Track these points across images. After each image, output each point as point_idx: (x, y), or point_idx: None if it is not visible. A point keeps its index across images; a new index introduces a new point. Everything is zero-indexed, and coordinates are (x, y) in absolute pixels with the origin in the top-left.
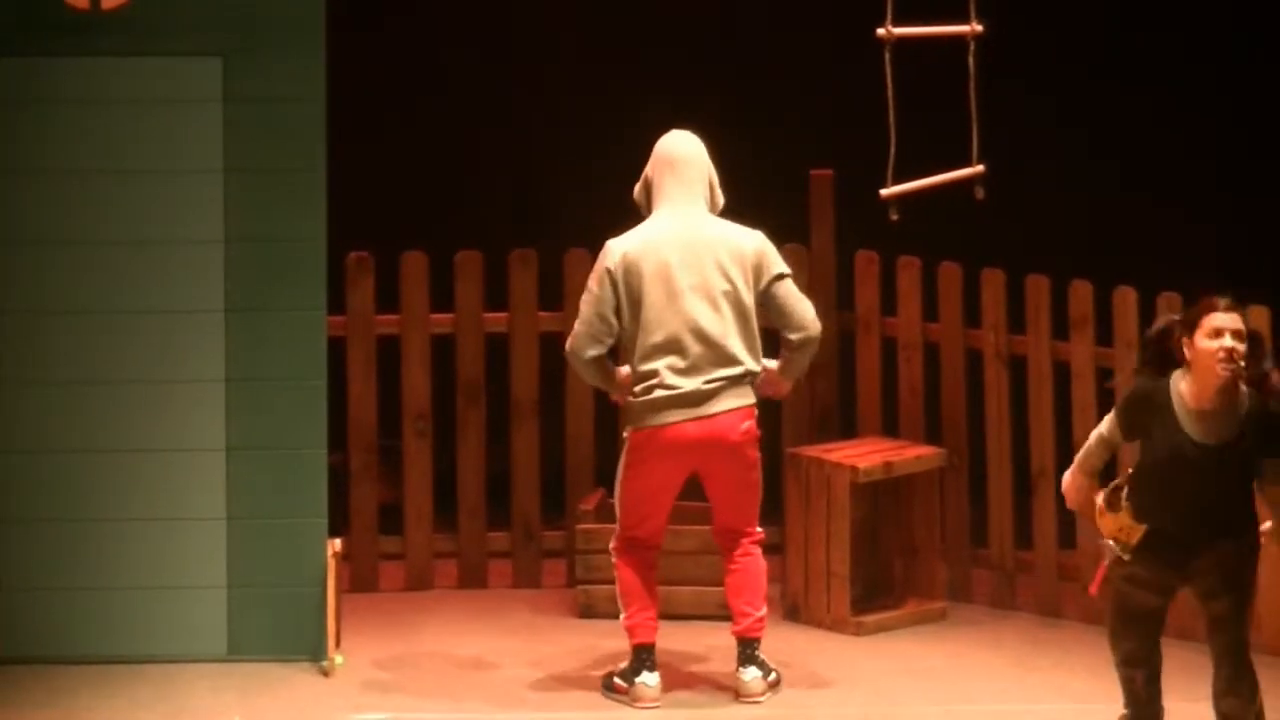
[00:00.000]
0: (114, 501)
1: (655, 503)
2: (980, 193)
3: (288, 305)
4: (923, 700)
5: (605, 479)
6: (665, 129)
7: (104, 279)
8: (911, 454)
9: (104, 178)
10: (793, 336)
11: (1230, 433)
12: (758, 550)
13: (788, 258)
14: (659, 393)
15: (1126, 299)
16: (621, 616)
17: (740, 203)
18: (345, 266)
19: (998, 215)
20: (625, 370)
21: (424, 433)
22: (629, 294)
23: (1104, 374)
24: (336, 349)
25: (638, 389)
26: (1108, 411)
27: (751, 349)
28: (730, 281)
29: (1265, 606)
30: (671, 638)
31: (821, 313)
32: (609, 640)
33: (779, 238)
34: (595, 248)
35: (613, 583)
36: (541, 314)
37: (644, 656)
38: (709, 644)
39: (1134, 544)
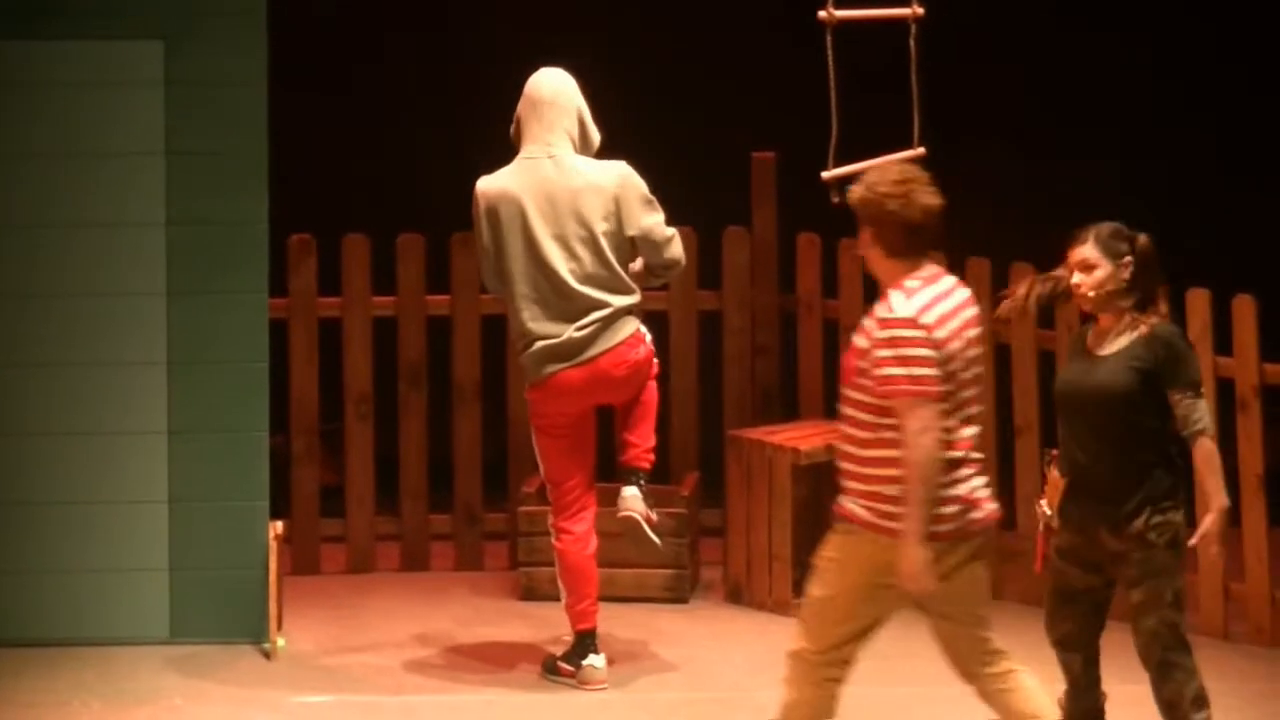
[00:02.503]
0: (56, 484)
1: (571, 453)
2: None
3: (230, 288)
4: (866, 683)
5: None
6: (606, 111)
7: (45, 262)
8: None
9: (45, 161)
10: (661, 272)
11: (1121, 375)
12: (653, 383)
13: (730, 241)
14: (537, 344)
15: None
16: (563, 599)
17: (682, 185)
18: (287, 249)
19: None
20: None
21: (366, 415)
22: (493, 240)
23: (1045, 356)
24: (278, 331)
25: (519, 343)
26: (1048, 396)
27: (615, 286)
28: (588, 227)
29: (1247, 596)
30: (614, 620)
31: (764, 295)
32: (551, 622)
33: (721, 220)
34: None
35: (554, 565)
36: (483, 296)
37: (588, 641)
38: (652, 626)
39: (1056, 503)
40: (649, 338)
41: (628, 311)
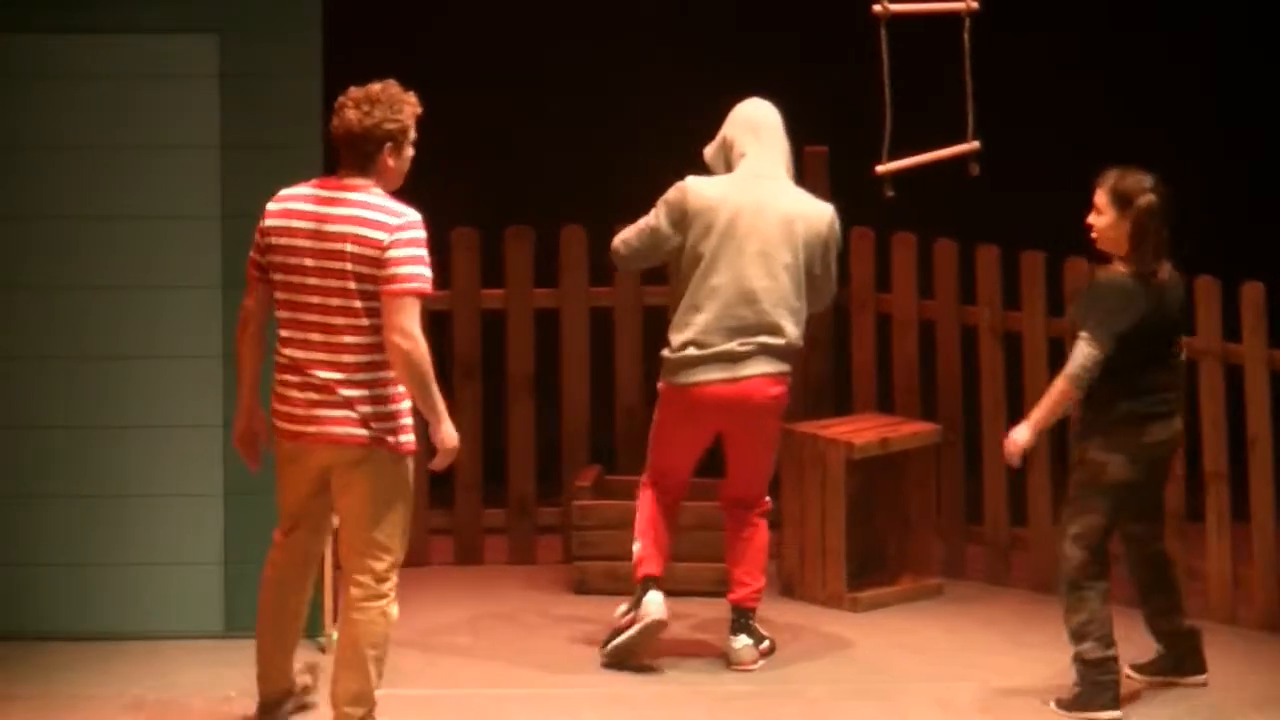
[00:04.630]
0: (110, 478)
1: (679, 456)
2: (975, 169)
3: None
4: (918, 676)
5: (601, 455)
6: (658, 106)
7: (100, 256)
8: (906, 430)
9: (101, 155)
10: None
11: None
12: (763, 522)
13: None
14: (691, 350)
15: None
16: (635, 547)
17: None
18: None
19: (992, 191)
20: None
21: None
22: (693, 238)
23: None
24: None
25: (674, 341)
26: None
27: (798, 323)
28: (795, 256)
29: (1254, 581)
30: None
31: None
32: (603, 616)
33: None
34: (590, 224)
35: (607, 559)
36: (537, 290)
37: (648, 584)
38: (704, 618)
39: None
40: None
41: (793, 352)
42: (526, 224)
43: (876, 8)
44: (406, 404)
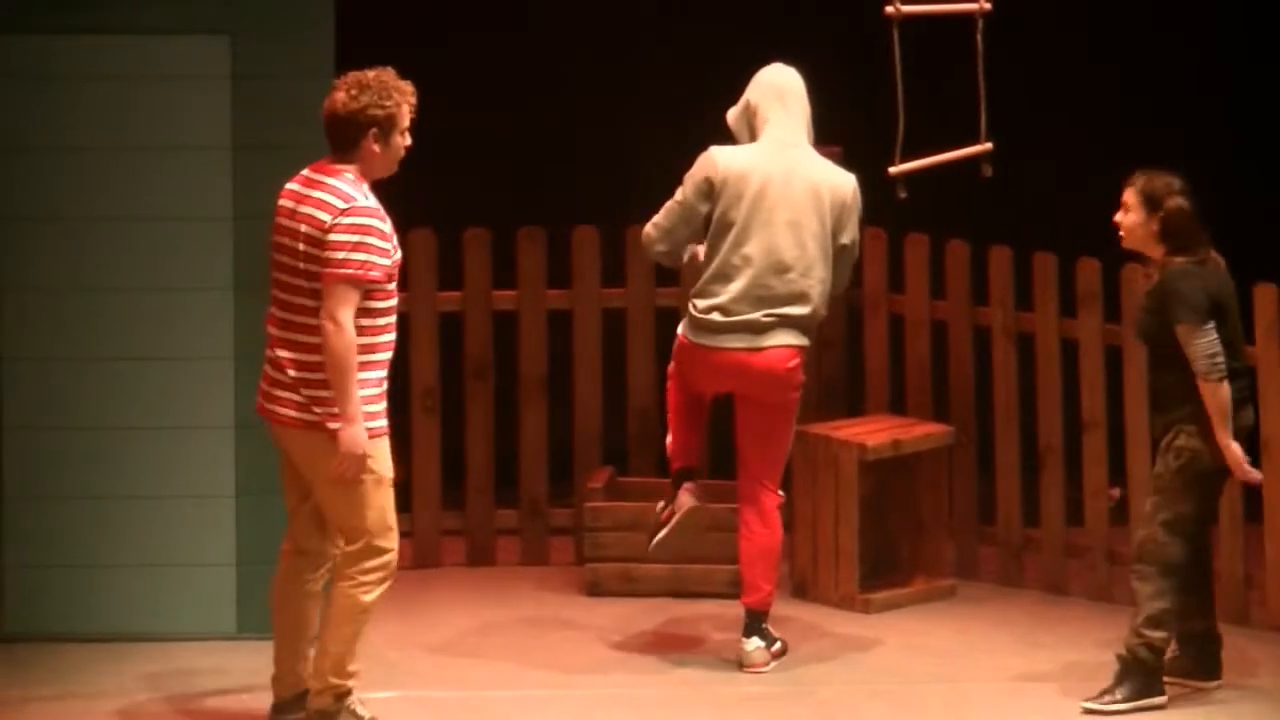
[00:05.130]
0: (123, 479)
1: (689, 412)
2: (988, 170)
3: None
4: (930, 677)
5: (613, 457)
6: (670, 107)
7: (112, 257)
8: (919, 431)
9: (112, 156)
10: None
11: (1142, 317)
12: (778, 520)
13: None
14: (716, 316)
15: (1134, 276)
16: (668, 441)
17: None
18: None
19: (1005, 192)
20: (699, 249)
21: (432, 410)
22: (723, 206)
23: (1112, 350)
24: None
25: (699, 303)
26: (1115, 390)
27: (823, 294)
28: (822, 225)
29: (1268, 582)
30: (680, 615)
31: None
32: (617, 618)
33: None
34: (603, 225)
35: (620, 561)
36: (549, 291)
37: (681, 476)
38: (718, 622)
39: None
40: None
41: (814, 325)
42: (539, 225)
43: (889, 9)
44: (369, 390)
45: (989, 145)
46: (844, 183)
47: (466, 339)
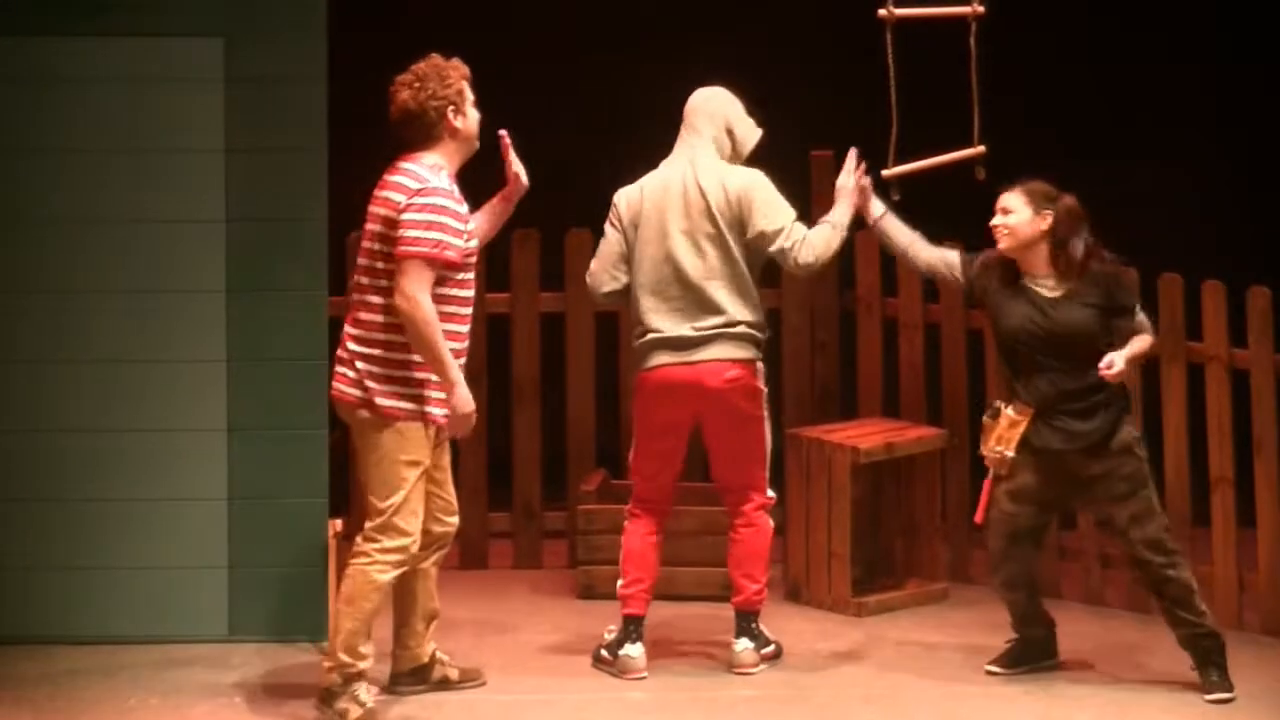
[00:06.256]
0: (115, 481)
1: (657, 454)
2: (981, 173)
3: (289, 285)
4: (923, 680)
5: (606, 460)
6: (664, 112)
7: (105, 258)
8: (912, 435)
9: (105, 158)
10: (799, 273)
11: (1080, 314)
12: (764, 518)
13: None
14: (649, 336)
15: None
16: (619, 584)
17: None
18: (346, 246)
19: (998, 195)
20: None
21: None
22: (630, 238)
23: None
24: (337, 329)
25: (635, 331)
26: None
27: (741, 297)
28: (716, 226)
29: (1261, 586)
30: (673, 618)
31: (823, 293)
32: (610, 620)
33: None
34: (596, 229)
35: (613, 564)
36: (543, 294)
37: (631, 628)
38: (710, 623)
39: (1015, 443)
40: (764, 381)
41: (753, 336)
42: (532, 228)
43: (882, 12)
44: (422, 374)
45: (982, 149)
46: (732, 179)
47: None
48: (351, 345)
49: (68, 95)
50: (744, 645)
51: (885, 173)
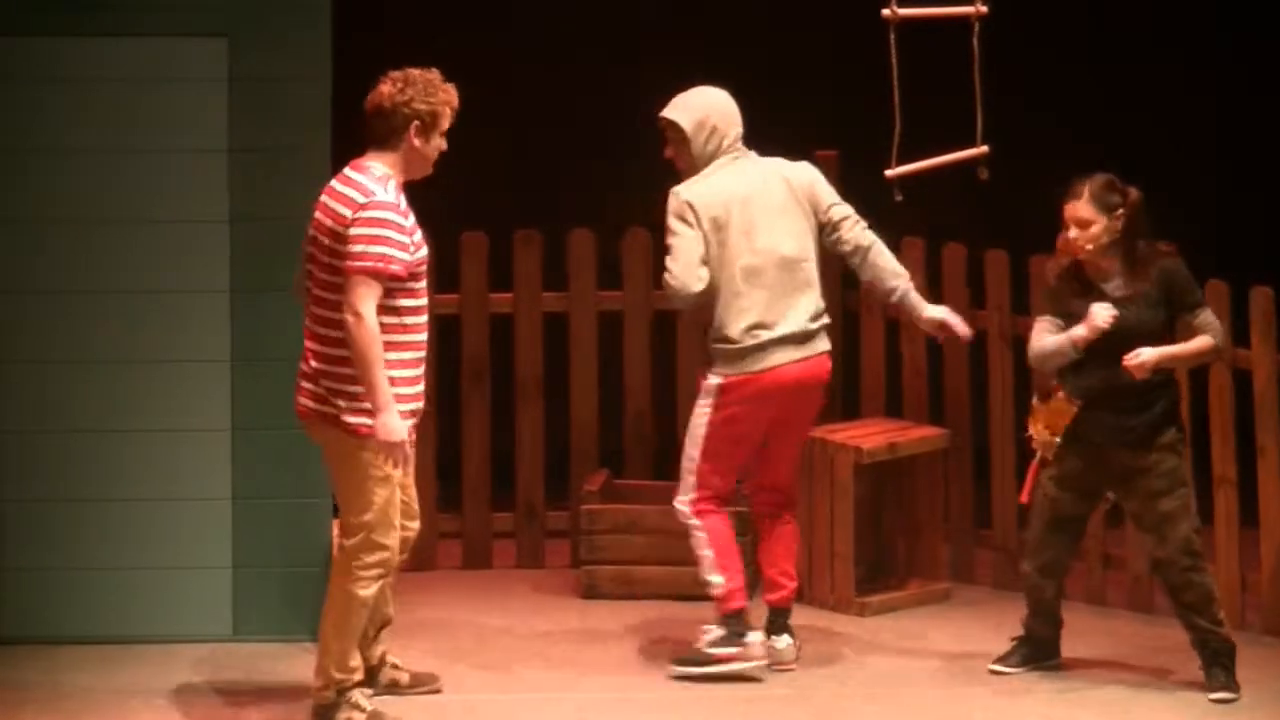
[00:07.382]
0: (118, 481)
1: (740, 453)
2: (984, 173)
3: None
4: (926, 681)
5: (609, 460)
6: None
7: (108, 258)
8: (915, 434)
9: (109, 157)
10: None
11: (1147, 313)
12: (793, 516)
13: None
14: (763, 335)
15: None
16: (719, 581)
17: None
18: None
19: (1001, 195)
20: None
21: (428, 413)
22: (710, 238)
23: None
24: None
25: (730, 332)
26: None
27: (820, 285)
28: (803, 211)
29: (1264, 586)
30: (675, 618)
31: (826, 292)
32: (613, 620)
33: None
34: (599, 228)
35: (616, 564)
36: (546, 294)
37: (744, 619)
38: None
39: (1061, 430)
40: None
41: (828, 328)
42: (535, 227)
43: (886, 12)
44: (397, 390)
45: (985, 149)
46: (791, 167)
47: (463, 342)
48: (315, 363)
49: (71, 95)
50: (786, 641)
51: (888, 173)
